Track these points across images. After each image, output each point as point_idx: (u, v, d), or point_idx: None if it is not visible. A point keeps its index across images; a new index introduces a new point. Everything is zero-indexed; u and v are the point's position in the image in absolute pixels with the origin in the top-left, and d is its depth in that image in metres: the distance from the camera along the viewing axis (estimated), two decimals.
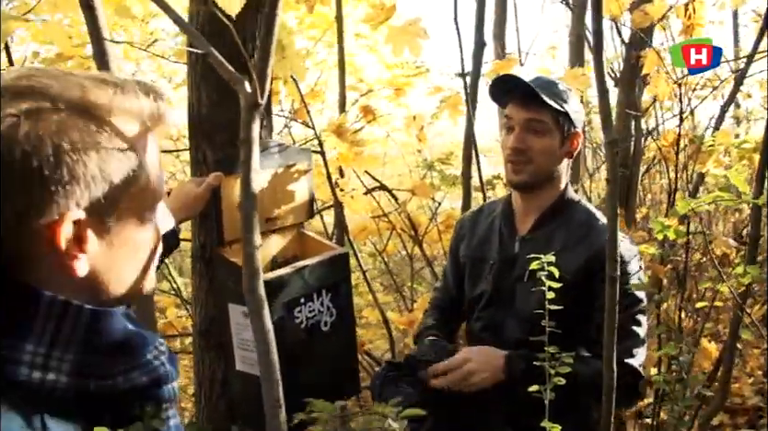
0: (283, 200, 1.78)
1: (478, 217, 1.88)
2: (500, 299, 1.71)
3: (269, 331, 0.89)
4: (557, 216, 1.69)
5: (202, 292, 1.78)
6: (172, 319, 2.97)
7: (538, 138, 1.63)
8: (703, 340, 2.67)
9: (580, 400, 1.56)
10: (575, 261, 1.59)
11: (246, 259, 0.86)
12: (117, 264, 0.70)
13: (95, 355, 0.66)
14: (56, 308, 0.64)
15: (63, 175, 0.62)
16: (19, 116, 0.61)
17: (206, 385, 1.79)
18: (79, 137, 0.63)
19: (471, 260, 1.81)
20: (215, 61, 0.86)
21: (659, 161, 3.82)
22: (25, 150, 0.60)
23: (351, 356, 1.86)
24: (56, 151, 0.61)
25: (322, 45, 4.61)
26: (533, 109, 1.62)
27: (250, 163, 0.84)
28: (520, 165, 1.65)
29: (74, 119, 0.63)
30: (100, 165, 0.65)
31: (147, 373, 0.69)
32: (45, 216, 0.62)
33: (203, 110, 1.72)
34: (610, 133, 1.36)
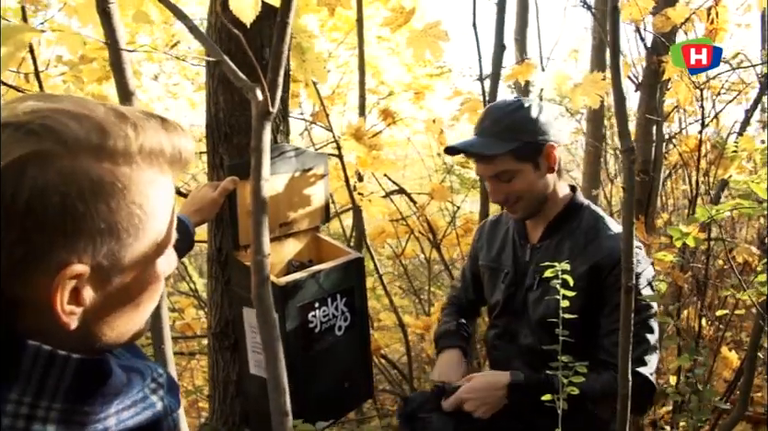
0: (299, 204, 1.79)
1: (497, 226, 1.88)
2: (513, 307, 1.71)
3: (276, 340, 0.89)
4: (566, 224, 1.67)
5: (217, 294, 1.80)
6: (190, 320, 2.99)
7: (510, 184, 1.61)
8: (723, 348, 2.62)
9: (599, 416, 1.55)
10: (580, 267, 1.58)
11: (255, 266, 0.87)
12: (115, 315, 0.65)
13: (85, 403, 0.61)
14: (42, 359, 0.60)
15: (67, 226, 0.57)
16: (27, 159, 0.56)
17: (220, 386, 1.81)
18: (89, 187, 0.58)
19: (490, 269, 1.82)
20: (228, 69, 0.87)
21: (682, 167, 3.77)
22: (30, 196, 0.55)
23: (365, 360, 1.87)
24: (63, 200, 0.56)
25: (344, 47, 4.63)
26: (491, 163, 1.60)
27: (261, 171, 0.84)
28: (512, 207, 1.66)
29: (87, 167, 0.58)
30: (109, 217, 0.59)
31: (145, 409, 0.66)
32: (43, 268, 0.58)
33: (220, 115, 1.74)
34: (628, 141, 1.35)
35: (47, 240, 0.57)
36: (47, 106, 0.60)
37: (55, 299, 0.59)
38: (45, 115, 0.59)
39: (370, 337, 1.88)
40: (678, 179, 4.32)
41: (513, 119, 1.61)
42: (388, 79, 4.48)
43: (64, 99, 0.63)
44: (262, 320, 0.88)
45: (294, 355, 1.64)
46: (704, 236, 2.07)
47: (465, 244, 3.68)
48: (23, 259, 0.57)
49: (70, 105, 0.61)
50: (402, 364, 3.54)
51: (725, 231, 3.57)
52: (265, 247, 0.86)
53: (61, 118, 0.58)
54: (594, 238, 1.62)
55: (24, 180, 0.56)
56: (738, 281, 2.48)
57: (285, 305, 1.60)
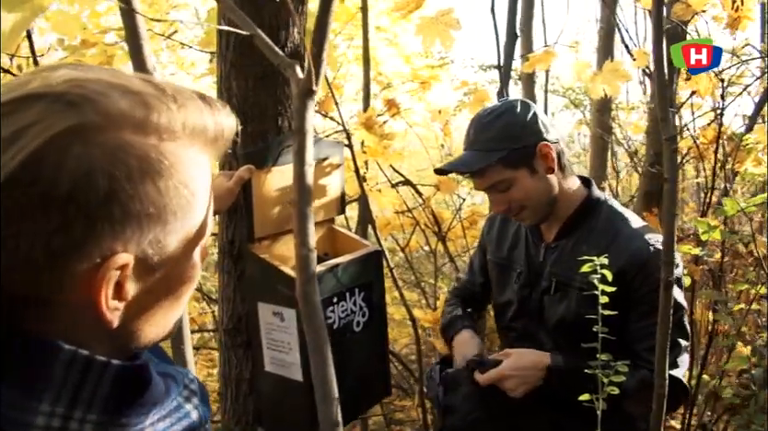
0: (315, 194, 1.71)
1: (507, 218, 1.78)
2: (528, 309, 1.65)
3: (326, 343, 0.81)
4: (582, 222, 1.60)
5: (229, 289, 1.72)
6: (194, 314, 2.92)
7: (509, 193, 1.55)
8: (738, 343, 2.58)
9: (625, 409, 1.49)
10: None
11: (300, 262, 0.79)
12: (155, 310, 0.60)
13: (122, 414, 0.55)
14: (78, 365, 0.53)
15: (113, 212, 0.51)
16: (71, 133, 0.49)
17: (232, 384, 1.74)
18: (138, 165, 0.52)
19: (500, 266, 1.76)
20: (262, 43, 0.80)
21: (689, 159, 3.72)
22: (74, 178, 0.49)
23: (383, 357, 1.80)
24: (110, 183, 0.50)
25: (342, 38, 4.55)
26: (482, 177, 1.56)
27: (305, 155, 0.77)
28: (518, 215, 1.60)
29: (133, 142, 0.52)
30: (157, 200, 0.54)
31: (179, 420, 0.61)
32: (85, 260, 0.51)
33: (233, 101, 1.66)
34: (669, 128, 1.28)
35: (91, 228, 0.50)
36: (84, 75, 0.53)
37: (99, 294, 0.53)
38: (83, 85, 0.52)
39: (388, 333, 1.82)
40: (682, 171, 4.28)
41: (496, 127, 1.54)
42: (385, 70, 4.42)
43: (97, 68, 0.56)
44: (309, 321, 0.81)
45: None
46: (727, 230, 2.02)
47: (470, 236, 3.62)
48: (61, 250, 0.50)
49: (106, 75, 0.54)
50: (405, 356, 3.48)
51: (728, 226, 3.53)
52: (311, 240, 0.79)
53: (100, 88, 0.52)
54: (614, 240, 1.53)
55: (67, 159, 0.49)
56: (754, 274, 2.43)
57: None
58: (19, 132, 0.49)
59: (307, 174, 0.78)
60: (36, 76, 0.53)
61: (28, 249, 0.50)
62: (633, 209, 2.95)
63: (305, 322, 0.83)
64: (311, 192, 0.80)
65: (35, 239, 0.49)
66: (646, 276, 1.47)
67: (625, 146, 4.48)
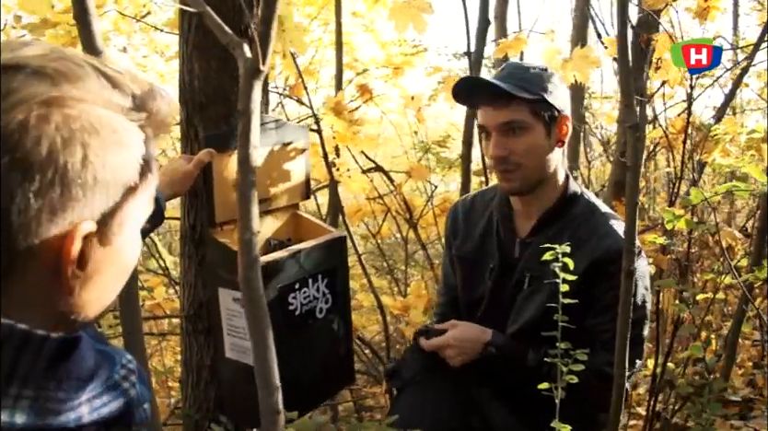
0: (278, 179, 1.69)
1: (472, 209, 1.73)
2: (499, 306, 1.60)
3: (267, 329, 0.80)
4: (559, 217, 1.56)
5: (190, 275, 1.69)
6: (160, 299, 2.88)
7: (519, 139, 1.48)
8: (703, 333, 2.61)
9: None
10: (576, 265, 1.49)
11: (242, 246, 0.77)
12: (104, 281, 0.61)
13: (59, 389, 0.56)
14: (15, 340, 0.54)
15: (87, 178, 0.54)
16: (50, 104, 0.52)
17: (194, 371, 1.71)
18: (109, 138, 0.56)
19: (469, 261, 1.69)
20: (212, 22, 0.77)
21: (659, 149, 3.75)
22: (53, 144, 0.52)
23: (346, 344, 1.79)
24: (86, 150, 0.54)
25: (318, 23, 4.50)
26: (505, 108, 1.47)
27: (250, 137, 0.75)
28: (508, 173, 1.51)
29: (105, 116, 0.56)
30: (123, 171, 0.58)
31: (117, 397, 0.60)
32: (58, 225, 0.54)
33: (195, 83, 1.62)
34: (634, 116, 1.28)
35: (67, 192, 0.54)
36: (57, 51, 0.56)
37: (67, 260, 0.55)
38: (57, 60, 0.55)
39: (351, 320, 1.80)
40: (651, 162, 4.32)
41: (537, 74, 1.50)
42: (362, 56, 4.38)
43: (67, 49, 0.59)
44: (251, 306, 0.79)
45: (274, 339, 1.55)
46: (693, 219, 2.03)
47: (442, 224, 3.61)
48: (37, 213, 0.52)
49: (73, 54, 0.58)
50: (376, 343, 3.47)
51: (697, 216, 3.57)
52: (254, 224, 0.77)
53: (73, 65, 0.56)
54: (591, 235, 1.51)
55: (48, 128, 0.52)
56: (719, 264, 2.46)
57: (264, 286, 1.50)
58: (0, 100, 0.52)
59: (251, 157, 0.76)
60: (7, 48, 0.55)
61: (5, 208, 0.51)
62: (603, 198, 2.96)
63: (246, 308, 0.81)
64: (255, 176, 0.78)
65: (14, 200, 0.51)
66: (616, 272, 1.46)
67: (598, 136, 4.50)
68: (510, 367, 1.52)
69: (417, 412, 1.48)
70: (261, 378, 0.78)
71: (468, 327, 1.56)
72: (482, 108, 1.54)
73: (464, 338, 1.53)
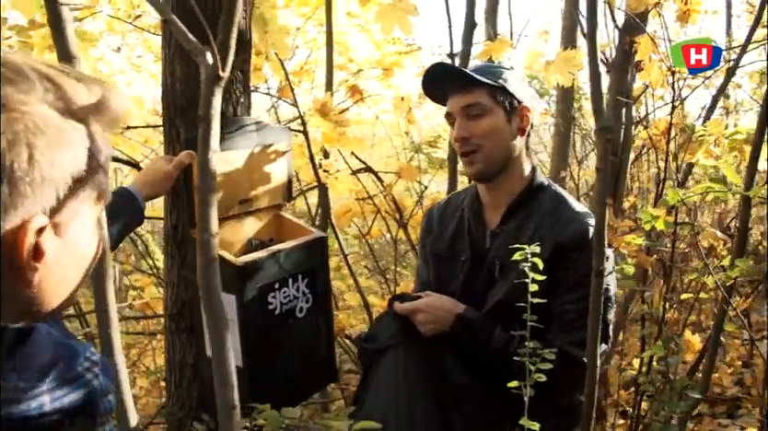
0: (259, 180, 1.71)
1: (445, 210, 1.80)
2: (472, 297, 1.63)
3: (224, 328, 0.82)
4: (526, 206, 1.63)
5: (173, 274, 1.72)
6: (149, 299, 2.90)
7: (479, 122, 1.58)
8: (686, 332, 2.63)
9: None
10: (543, 250, 1.53)
11: (201, 247, 0.80)
12: (61, 274, 0.64)
13: (19, 379, 0.59)
14: None
15: (35, 176, 0.57)
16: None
17: (177, 370, 1.74)
18: (54, 137, 0.58)
19: (442, 257, 1.74)
20: (176, 29, 0.79)
21: (648, 150, 3.77)
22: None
23: (328, 343, 1.81)
24: (31, 150, 0.56)
25: (313, 23, 4.52)
26: (468, 93, 1.58)
27: (209, 142, 0.77)
28: (470, 155, 1.61)
29: (49, 116, 0.59)
30: (70, 166, 0.60)
31: (79, 387, 0.63)
32: (10, 221, 0.57)
33: (176, 86, 1.65)
34: (602, 119, 1.30)
35: (16, 190, 0.56)
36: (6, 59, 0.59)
37: (22, 254, 0.58)
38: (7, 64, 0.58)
39: (333, 319, 1.82)
40: (643, 162, 4.34)
41: (500, 69, 1.62)
42: (356, 57, 4.40)
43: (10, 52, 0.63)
44: (208, 305, 0.82)
45: (253, 338, 1.58)
46: (672, 219, 2.05)
47: None
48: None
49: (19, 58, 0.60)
50: None
51: (686, 216, 3.60)
52: (212, 225, 0.79)
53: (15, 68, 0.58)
54: (556, 221, 1.57)
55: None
56: (704, 265, 2.48)
57: (243, 286, 1.53)
58: None
59: (210, 161, 0.79)
60: None
61: None
62: (592, 198, 2.98)
63: (204, 306, 0.83)
64: (215, 179, 0.81)
65: None
66: (580, 254, 1.50)
67: (590, 137, 4.52)
68: (478, 343, 1.55)
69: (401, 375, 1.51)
70: (217, 373, 0.81)
71: (441, 298, 1.60)
72: (449, 97, 1.63)
73: (437, 306, 1.57)
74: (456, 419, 1.51)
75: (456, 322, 1.54)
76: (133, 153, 2.86)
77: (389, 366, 1.54)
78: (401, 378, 1.50)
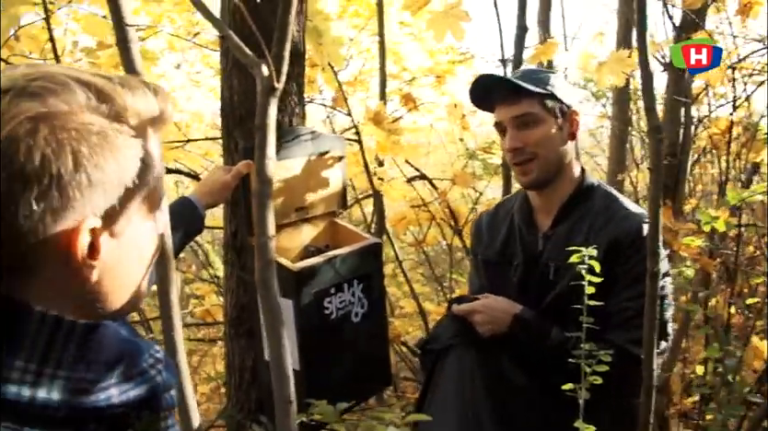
0: (315, 188, 1.76)
1: (495, 217, 1.80)
2: (528, 300, 1.62)
3: (281, 326, 0.85)
4: (577, 207, 1.61)
5: (232, 280, 1.77)
6: (209, 306, 2.98)
7: (532, 131, 1.56)
8: (754, 338, 2.54)
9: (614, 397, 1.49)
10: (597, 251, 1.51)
11: (258, 249, 0.83)
12: (121, 273, 0.67)
13: (88, 371, 0.62)
14: (47, 325, 0.61)
15: (81, 180, 0.60)
16: (37, 119, 0.58)
17: (236, 374, 1.79)
18: (98, 142, 0.61)
19: (494, 263, 1.73)
20: (232, 44, 0.83)
21: (711, 150, 3.66)
22: (44, 154, 0.57)
23: (382, 348, 1.83)
24: (76, 156, 0.59)
25: (367, 34, 4.58)
26: (517, 103, 1.56)
27: (265, 150, 0.81)
28: (525, 164, 1.59)
29: (93, 123, 0.61)
30: (117, 169, 0.63)
31: (144, 382, 0.66)
32: (62, 223, 0.60)
33: (234, 98, 1.71)
34: (654, 119, 1.29)
35: (65, 195, 0.59)
36: (41, 71, 0.62)
37: (76, 253, 0.61)
38: (41, 78, 0.61)
39: (388, 324, 1.85)
40: (706, 163, 4.22)
41: (546, 75, 1.61)
42: (410, 65, 4.43)
43: (51, 65, 0.66)
44: (266, 305, 0.85)
45: (310, 342, 1.61)
46: (734, 221, 2.00)
47: None
48: (41, 216, 0.59)
49: (60, 69, 0.64)
50: None
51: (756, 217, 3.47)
52: (269, 228, 0.82)
53: (57, 79, 0.61)
54: (610, 219, 1.56)
55: (37, 140, 0.57)
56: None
57: (299, 291, 1.57)
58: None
59: (267, 168, 0.82)
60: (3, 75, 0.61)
61: (12, 216, 0.57)
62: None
63: (262, 306, 0.87)
64: (271, 184, 0.84)
65: (18, 208, 0.57)
66: (636, 251, 1.49)
67: (645, 139, 4.42)
68: (535, 343, 1.55)
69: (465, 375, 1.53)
70: (275, 369, 0.84)
71: (498, 299, 1.60)
72: (497, 107, 1.62)
73: (493, 307, 1.57)
74: (518, 419, 1.51)
75: (513, 323, 1.54)
76: (193, 165, 2.96)
77: (453, 366, 1.56)
78: (465, 378, 1.52)
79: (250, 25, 1.00)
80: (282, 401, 0.86)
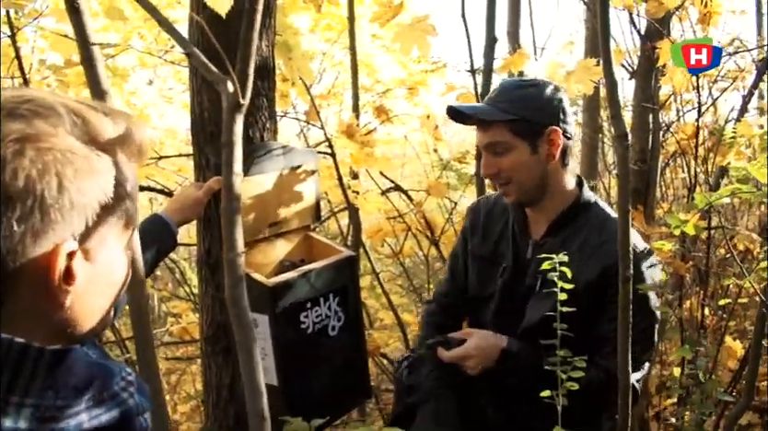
0: (288, 203, 1.75)
1: (492, 210, 1.77)
2: (512, 306, 1.63)
3: (252, 342, 0.85)
4: (571, 221, 1.60)
5: (208, 298, 1.76)
6: (186, 324, 2.96)
7: (503, 158, 1.55)
8: (727, 338, 2.58)
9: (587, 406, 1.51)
10: (588, 273, 1.50)
11: (228, 266, 0.83)
12: (92, 298, 0.67)
13: (57, 397, 0.61)
14: (14, 352, 0.60)
15: (64, 203, 0.60)
16: (24, 140, 0.59)
17: (214, 391, 1.77)
18: (81, 165, 0.62)
19: (483, 259, 1.73)
20: (197, 61, 0.84)
21: (680, 155, 3.73)
22: (29, 175, 0.58)
23: (360, 361, 1.83)
24: (61, 178, 0.60)
25: (339, 47, 4.59)
26: (488, 130, 1.56)
27: (232, 166, 0.81)
28: (504, 187, 1.60)
29: (77, 147, 0.62)
30: (98, 193, 0.63)
31: (116, 406, 0.65)
32: (42, 246, 0.60)
33: (205, 114, 1.71)
34: (621, 126, 1.31)
35: (47, 217, 0.59)
36: (29, 94, 0.63)
37: (53, 277, 0.61)
38: (29, 101, 0.61)
39: (365, 337, 1.85)
40: (676, 168, 4.29)
41: (518, 94, 1.57)
42: (383, 77, 4.45)
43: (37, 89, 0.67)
44: (237, 322, 0.85)
45: (287, 357, 1.61)
46: (703, 224, 2.03)
47: None
48: (21, 238, 0.59)
49: (46, 94, 0.65)
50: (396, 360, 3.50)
51: (725, 219, 3.53)
52: (239, 245, 0.82)
53: (44, 102, 0.62)
54: (603, 242, 1.54)
55: (23, 161, 0.58)
56: (740, 269, 2.44)
57: (275, 306, 1.56)
58: None
59: (235, 184, 0.82)
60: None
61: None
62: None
63: (233, 323, 0.87)
64: (239, 200, 0.84)
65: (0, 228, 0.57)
66: None
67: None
68: (526, 373, 1.53)
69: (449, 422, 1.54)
70: (248, 385, 0.84)
71: (485, 336, 1.57)
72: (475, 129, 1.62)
73: (484, 347, 1.55)
74: None
75: (501, 357, 1.53)
76: (167, 182, 2.94)
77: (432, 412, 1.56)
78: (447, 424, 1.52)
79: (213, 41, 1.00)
80: (256, 416, 0.86)
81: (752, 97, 3.30)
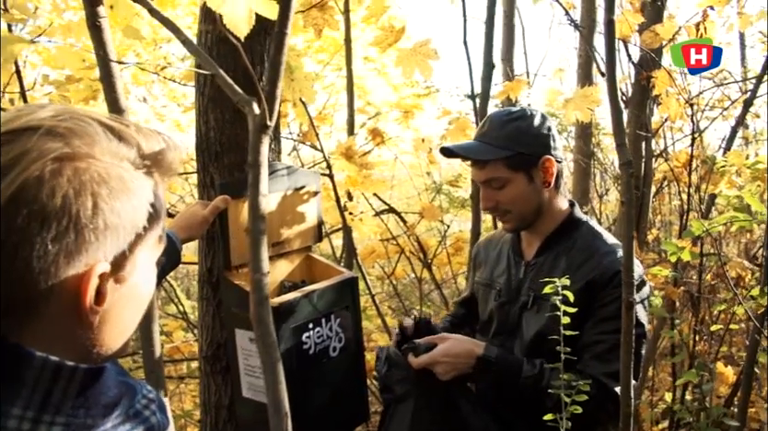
0: (291, 223, 1.76)
1: (489, 242, 1.87)
2: (507, 325, 1.67)
3: (277, 361, 0.85)
4: (562, 240, 1.65)
5: (208, 316, 1.76)
6: (179, 343, 2.93)
7: (501, 191, 1.60)
8: (718, 364, 2.61)
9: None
10: (575, 285, 1.54)
11: (253, 285, 0.84)
12: (121, 319, 0.67)
13: (87, 416, 0.62)
14: (48, 371, 0.60)
15: (98, 223, 0.60)
16: (62, 159, 0.58)
17: (212, 411, 1.76)
18: (116, 185, 0.61)
19: (483, 286, 1.80)
20: (223, 82, 0.85)
21: (669, 183, 3.78)
22: (66, 195, 0.58)
23: (360, 382, 1.83)
24: (96, 199, 0.59)
25: (331, 69, 4.63)
26: (484, 167, 1.60)
27: (259, 187, 0.82)
28: (502, 217, 1.66)
29: (112, 167, 0.62)
30: (131, 215, 0.63)
31: (140, 424, 0.66)
32: (74, 266, 0.60)
33: (210, 134, 1.71)
34: (626, 154, 1.34)
35: (81, 237, 0.59)
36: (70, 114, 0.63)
37: (84, 298, 0.61)
38: (67, 119, 0.62)
39: (365, 358, 1.85)
40: (663, 195, 4.35)
41: (510, 128, 1.61)
42: (374, 100, 4.49)
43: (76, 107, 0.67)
44: (262, 341, 0.85)
45: (288, 377, 1.60)
46: (696, 250, 2.06)
47: (456, 263, 3.66)
48: (55, 257, 0.58)
49: (85, 111, 0.65)
50: None
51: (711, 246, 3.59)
52: (264, 265, 0.83)
53: (82, 123, 0.62)
54: (590, 257, 1.59)
55: (60, 181, 0.58)
56: (732, 295, 2.47)
57: (278, 327, 1.56)
58: (17, 158, 0.58)
59: (261, 204, 0.83)
60: (24, 112, 0.62)
61: (26, 255, 0.57)
62: (614, 232, 3.00)
63: (258, 342, 0.87)
64: (266, 221, 0.85)
65: (33, 247, 0.57)
66: (613, 288, 1.52)
67: (610, 171, 4.55)
68: (505, 380, 1.53)
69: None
70: (272, 405, 0.84)
71: (458, 341, 1.57)
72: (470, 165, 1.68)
73: (454, 353, 1.53)
74: None
75: (477, 364, 1.53)
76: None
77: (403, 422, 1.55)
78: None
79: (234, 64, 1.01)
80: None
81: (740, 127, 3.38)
